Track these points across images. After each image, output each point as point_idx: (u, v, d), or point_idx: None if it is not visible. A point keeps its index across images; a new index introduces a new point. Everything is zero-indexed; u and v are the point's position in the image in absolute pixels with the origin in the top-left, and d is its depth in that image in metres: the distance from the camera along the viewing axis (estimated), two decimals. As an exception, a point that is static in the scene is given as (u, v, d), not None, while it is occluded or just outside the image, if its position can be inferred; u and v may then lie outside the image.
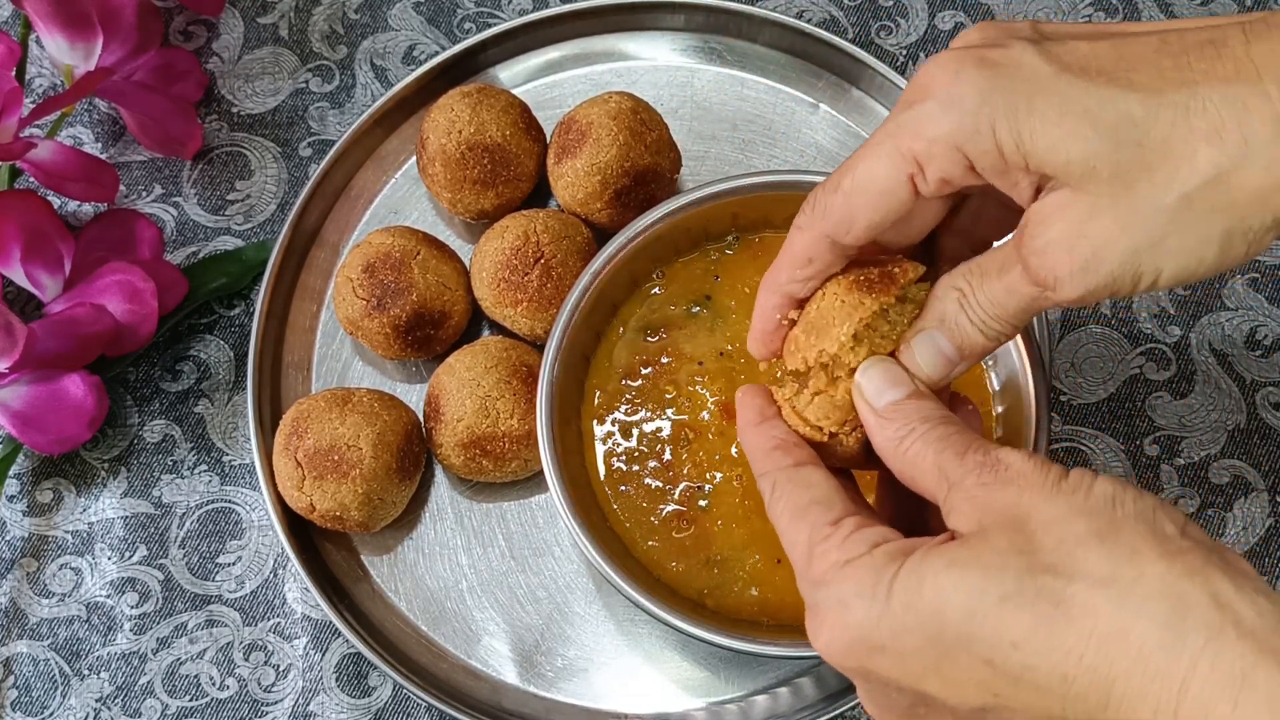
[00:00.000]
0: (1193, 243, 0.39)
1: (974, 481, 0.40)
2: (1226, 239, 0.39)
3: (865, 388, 0.45)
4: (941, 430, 0.43)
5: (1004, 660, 0.37)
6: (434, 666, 0.65)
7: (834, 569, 0.41)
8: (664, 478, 0.62)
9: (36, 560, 0.68)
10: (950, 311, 0.45)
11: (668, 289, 0.65)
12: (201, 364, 0.71)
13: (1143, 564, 0.36)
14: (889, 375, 0.45)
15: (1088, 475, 0.39)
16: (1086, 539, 0.37)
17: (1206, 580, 0.36)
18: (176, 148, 0.73)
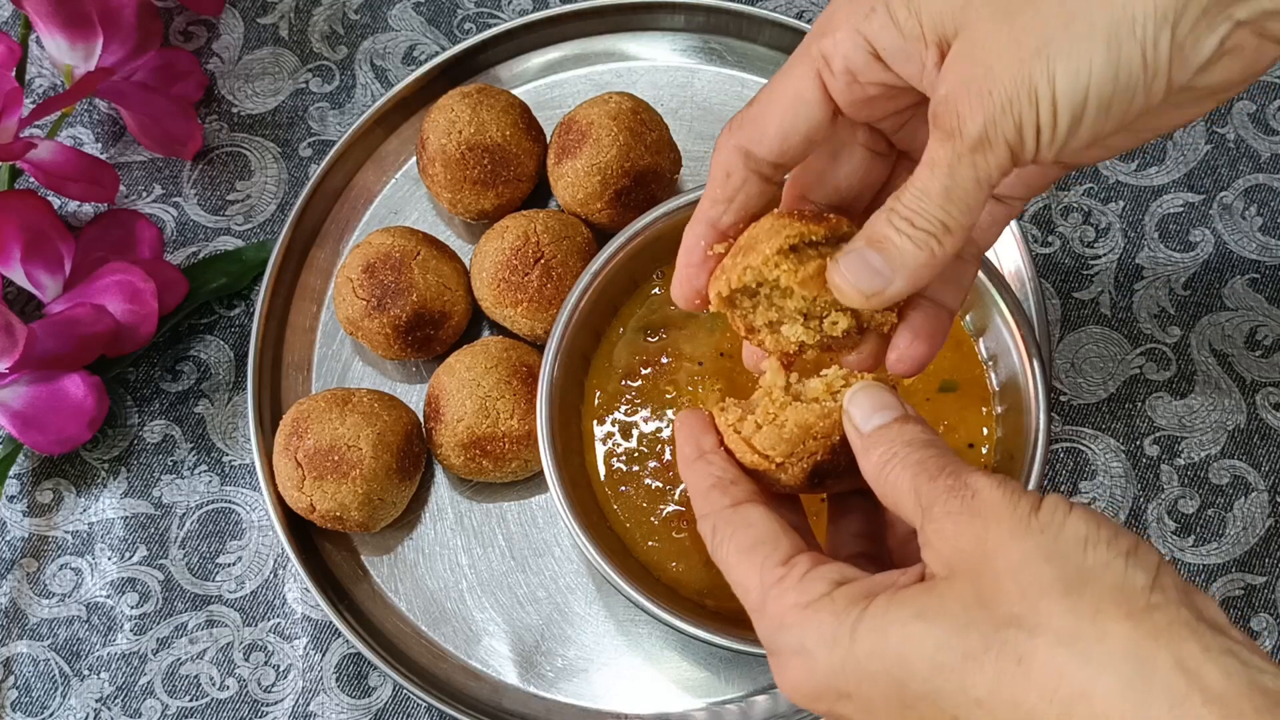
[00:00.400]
0: (1076, 39, 0.38)
1: (941, 509, 0.39)
2: (1112, 35, 0.38)
3: (853, 413, 0.44)
4: (920, 454, 0.41)
5: (968, 715, 0.36)
6: (434, 667, 0.65)
7: (793, 611, 0.40)
8: (664, 478, 0.62)
9: (37, 560, 0.68)
10: (878, 226, 0.43)
11: (668, 289, 0.65)
12: (201, 364, 0.71)
13: (1107, 622, 0.35)
14: (877, 400, 0.44)
15: (1061, 508, 0.38)
16: (1051, 589, 0.36)
17: (1171, 642, 0.34)
18: (176, 148, 0.73)
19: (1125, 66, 0.38)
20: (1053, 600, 0.36)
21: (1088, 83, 0.38)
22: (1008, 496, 0.38)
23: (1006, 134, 0.39)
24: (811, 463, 0.46)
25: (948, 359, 0.62)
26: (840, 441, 0.45)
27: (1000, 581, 0.37)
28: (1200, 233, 0.72)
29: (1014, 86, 0.39)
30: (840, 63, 0.42)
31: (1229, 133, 0.73)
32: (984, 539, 0.37)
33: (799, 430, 0.45)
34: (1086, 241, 0.72)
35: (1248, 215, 0.72)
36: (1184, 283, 0.71)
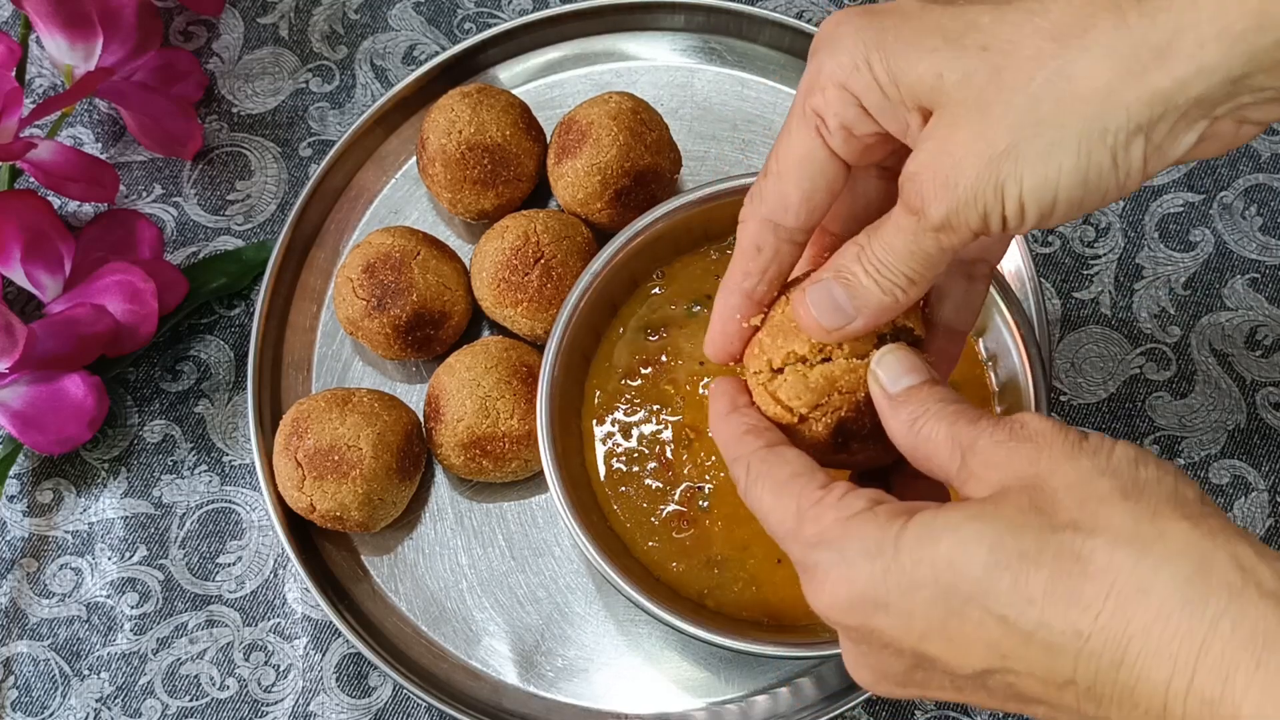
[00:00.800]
0: (1046, 146, 0.38)
1: (988, 440, 0.40)
2: (1082, 141, 0.38)
3: (881, 375, 0.44)
4: (955, 407, 0.42)
5: (1019, 616, 0.36)
6: (434, 667, 0.65)
7: (833, 526, 0.40)
8: (664, 478, 0.62)
9: (37, 560, 0.68)
10: (848, 263, 0.44)
11: (668, 289, 0.65)
12: (202, 364, 0.71)
13: (1165, 523, 0.36)
14: (905, 362, 0.45)
15: (1107, 439, 0.39)
16: (1109, 497, 0.37)
17: (1228, 542, 0.35)
18: (176, 148, 0.73)
19: (1095, 171, 0.39)
20: (1111, 506, 0.37)
21: (1056, 186, 0.39)
22: (1056, 426, 0.39)
23: (970, 221, 0.40)
24: (836, 418, 0.46)
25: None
26: (865, 400, 0.45)
27: (1057, 494, 0.37)
28: (1200, 232, 0.72)
29: (980, 183, 0.39)
30: (834, 120, 0.43)
31: (1229, 133, 0.73)
32: (1036, 460, 0.38)
33: (824, 382, 0.45)
34: (1086, 241, 0.72)
35: (1248, 215, 0.72)
36: (1184, 283, 0.71)
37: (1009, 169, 0.39)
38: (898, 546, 0.38)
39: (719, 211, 0.64)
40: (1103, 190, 0.39)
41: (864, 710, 0.65)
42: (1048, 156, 0.38)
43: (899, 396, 0.44)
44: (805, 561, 0.41)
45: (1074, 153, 0.38)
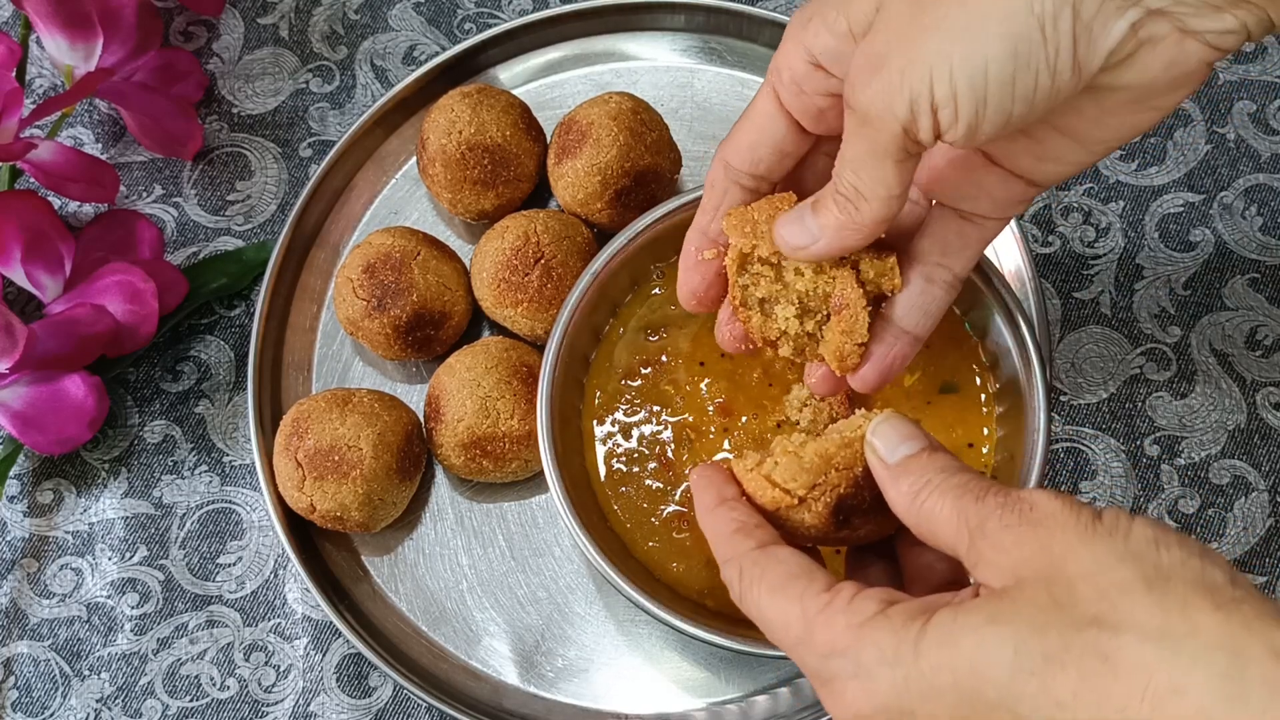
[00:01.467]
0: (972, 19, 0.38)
1: (997, 524, 0.38)
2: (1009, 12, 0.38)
3: (878, 445, 0.44)
4: (958, 479, 0.41)
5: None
6: (434, 667, 0.65)
7: (845, 633, 0.39)
8: (664, 478, 0.62)
9: (37, 561, 0.68)
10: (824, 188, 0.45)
11: (668, 289, 0.65)
12: (202, 364, 0.71)
13: (1196, 615, 0.34)
14: (902, 431, 0.44)
15: (1123, 516, 0.37)
16: (1132, 587, 0.35)
17: (1265, 631, 0.34)
18: (177, 148, 0.73)
19: (1025, 42, 0.38)
20: (1135, 598, 0.35)
21: (985, 58, 0.38)
22: (1068, 506, 0.38)
23: (897, 109, 0.40)
24: (835, 496, 0.44)
25: (948, 359, 0.62)
26: (864, 474, 0.44)
27: (1075, 585, 0.36)
28: (1200, 232, 0.72)
29: (906, 62, 0.39)
30: (787, 74, 0.44)
31: (1229, 132, 0.73)
32: (1049, 546, 0.37)
33: (819, 460, 0.44)
34: (1087, 241, 0.72)
35: (1248, 215, 0.72)
36: (1184, 282, 0.71)
37: (935, 45, 0.39)
38: (917, 652, 0.37)
39: (719, 211, 0.64)
40: (1034, 66, 0.38)
41: None
42: (974, 28, 0.38)
43: (898, 466, 0.42)
44: (821, 672, 0.40)
45: (999, 21, 0.38)
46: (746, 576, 0.43)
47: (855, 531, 0.46)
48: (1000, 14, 0.38)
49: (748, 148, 0.48)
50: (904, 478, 0.42)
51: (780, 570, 0.42)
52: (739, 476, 0.47)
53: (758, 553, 0.43)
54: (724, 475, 0.48)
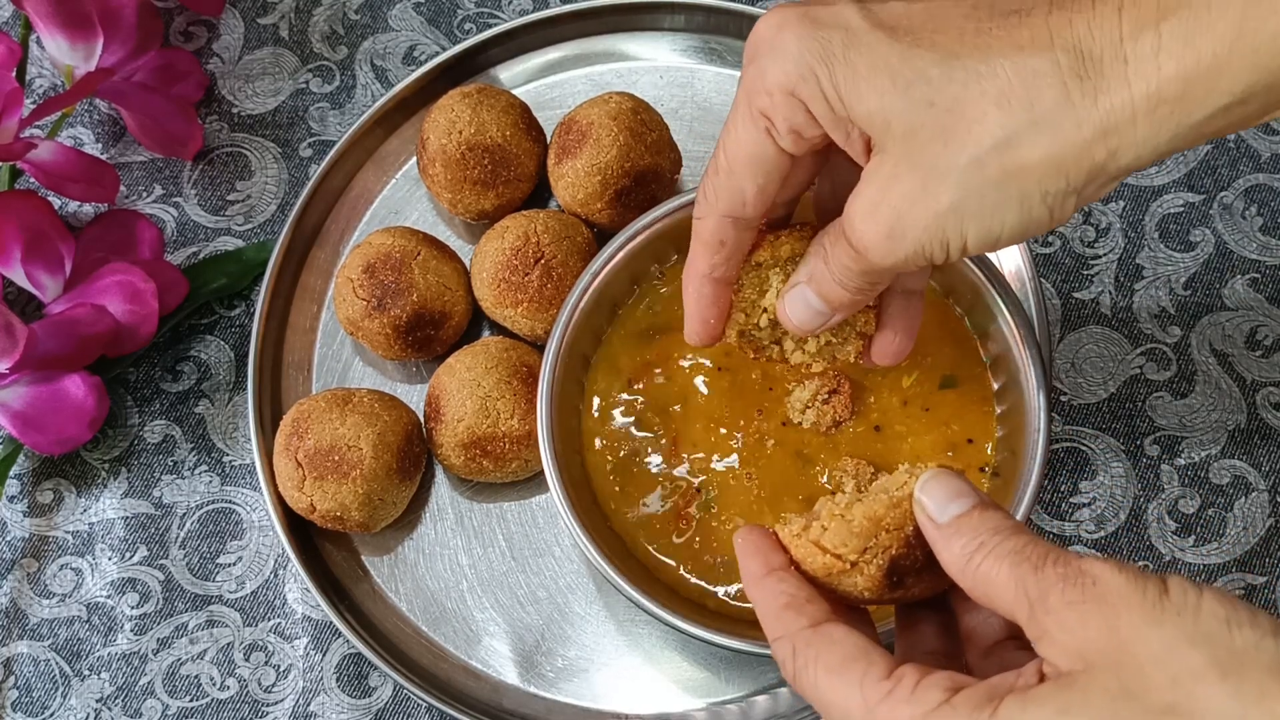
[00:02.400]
0: (990, 205, 0.41)
1: (1059, 600, 0.37)
2: (1024, 201, 0.41)
3: (927, 504, 0.42)
4: (1014, 542, 0.39)
5: None
6: (434, 667, 0.65)
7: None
8: (664, 477, 0.62)
9: (37, 560, 0.68)
10: (817, 268, 0.47)
11: (668, 288, 0.65)
12: (202, 364, 0.71)
13: (1274, 705, 0.33)
14: (951, 488, 0.42)
15: (1191, 590, 0.36)
16: (1206, 674, 0.34)
17: None
18: (177, 148, 0.73)
19: (1035, 223, 0.42)
20: (1209, 685, 0.34)
21: (998, 236, 0.42)
22: (1133, 580, 0.36)
23: (913, 264, 0.43)
24: (887, 558, 0.43)
25: (948, 355, 0.62)
26: (914, 533, 0.43)
27: (1145, 670, 0.35)
28: (1200, 233, 0.72)
29: (926, 236, 0.42)
30: (784, 124, 0.44)
31: (1229, 132, 0.73)
32: (1116, 628, 0.35)
33: (868, 523, 0.43)
34: (1086, 241, 0.72)
35: (1248, 215, 0.72)
36: (1184, 283, 0.71)
37: (953, 223, 0.41)
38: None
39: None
40: (1037, 231, 0.42)
41: None
42: (991, 214, 0.41)
43: (949, 527, 0.41)
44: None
45: (1016, 211, 0.41)
46: (801, 657, 0.41)
47: (909, 591, 0.44)
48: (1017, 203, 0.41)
49: (758, 195, 0.47)
50: (956, 539, 0.41)
51: (837, 653, 0.41)
52: (785, 542, 0.45)
53: (810, 632, 0.42)
54: (770, 541, 0.46)
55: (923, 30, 0.41)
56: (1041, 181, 0.40)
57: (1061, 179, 0.40)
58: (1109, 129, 0.39)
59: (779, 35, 0.43)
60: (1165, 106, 0.39)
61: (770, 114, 0.44)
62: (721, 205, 0.47)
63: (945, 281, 0.63)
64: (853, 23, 0.42)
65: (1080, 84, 0.39)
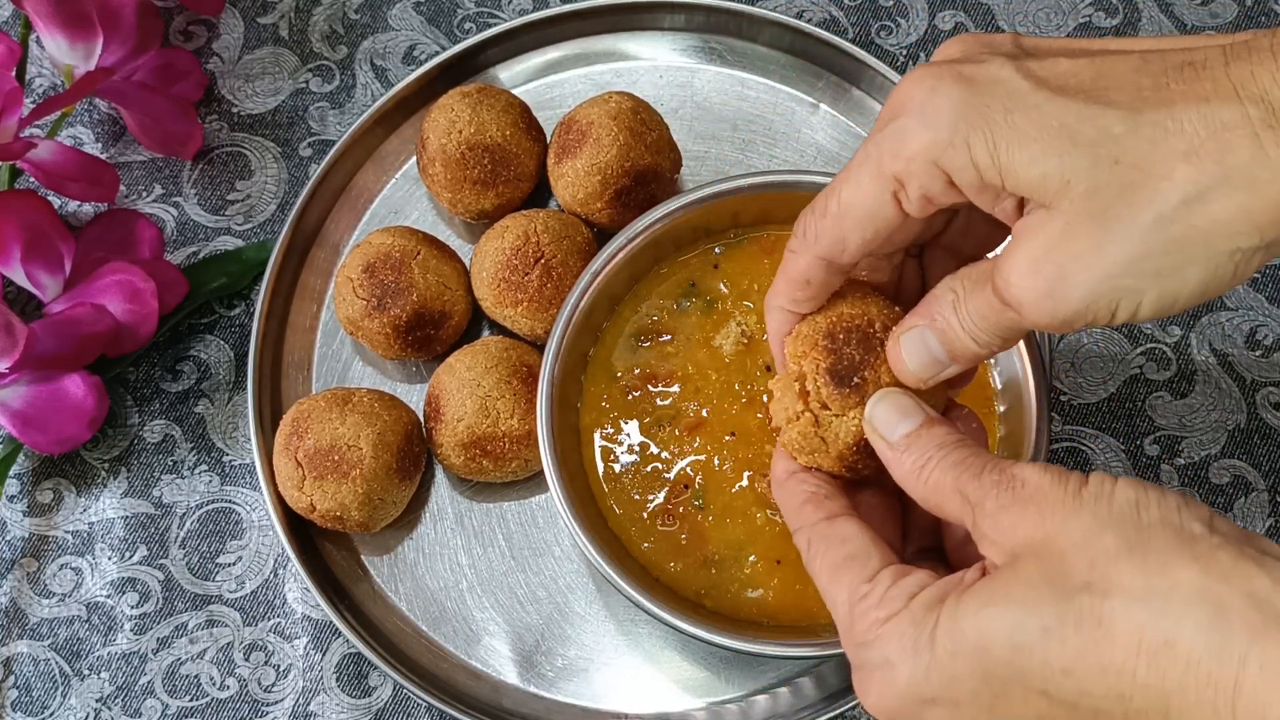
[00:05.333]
0: (1174, 264, 0.38)
1: (994, 504, 0.40)
2: (1210, 259, 0.38)
3: (878, 422, 0.45)
4: (957, 454, 0.42)
5: (1058, 688, 0.37)
6: (434, 666, 0.65)
7: (874, 627, 0.41)
8: (663, 477, 0.62)
9: (37, 560, 0.68)
10: (944, 312, 0.44)
11: (668, 288, 0.65)
12: (202, 364, 0.71)
13: (1176, 572, 0.36)
14: (900, 406, 0.45)
15: (1108, 481, 0.39)
16: (1117, 554, 0.37)
17: (1241, 580, 0.35)
18: (176, 148, 0.73)
19: (1218, 282, 0.39)
20: (1119, 563, 0.37)
21: (1177, 299, 0.39)
22: (1056, 478, 0.39)
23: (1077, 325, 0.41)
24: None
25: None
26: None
27: (1065, 557, 0.38)
28: (1200, 232, 0.72)
29: (1094, 298, 0.39)
30: (916, 190, 0.42)
31: (1229, 132, 0.73)
32: (1041, 522, 0.39)
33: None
34: (1086, 241, 0.71)
35: (1248, 215, 0.72)
36: (1184, 282, 0.71)
37: (1130, 286, 0.39)
38: (934, 641, 0.39)
39: (719, 211, 0.64)
40: (1218, 293, 0.40)
41: (864, 710, 0.65)
42: (1174, 275, 0.39)
43: (900, 444, 0.44)
44: (855, 660, 0.42)
45: (1201, 270, 0.39)
46: (813, 548, 0.45)
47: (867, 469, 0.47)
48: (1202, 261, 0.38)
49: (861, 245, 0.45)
50: (907, 455, 0.44)
51: (840, 552, 0.44)
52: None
53: (825, 525, 0.45)
54: None
55: (1095, 87, 0.39)
56: (1233, 238, 0.38)
57: (1255, 234, 0.38)
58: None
59: (930, 97, 0.41)
60: None
61: (904, 178, 0.42)
62: (820, 248, 0.46)
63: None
64: (1014, 83, 0.40)
65: (1273, 134, 0.37)
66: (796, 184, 0.63)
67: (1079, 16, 0.76)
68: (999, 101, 0.40)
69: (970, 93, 0.40)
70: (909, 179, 0.42)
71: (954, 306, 0.44)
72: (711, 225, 0.65)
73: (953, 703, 0.39)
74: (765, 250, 0.65)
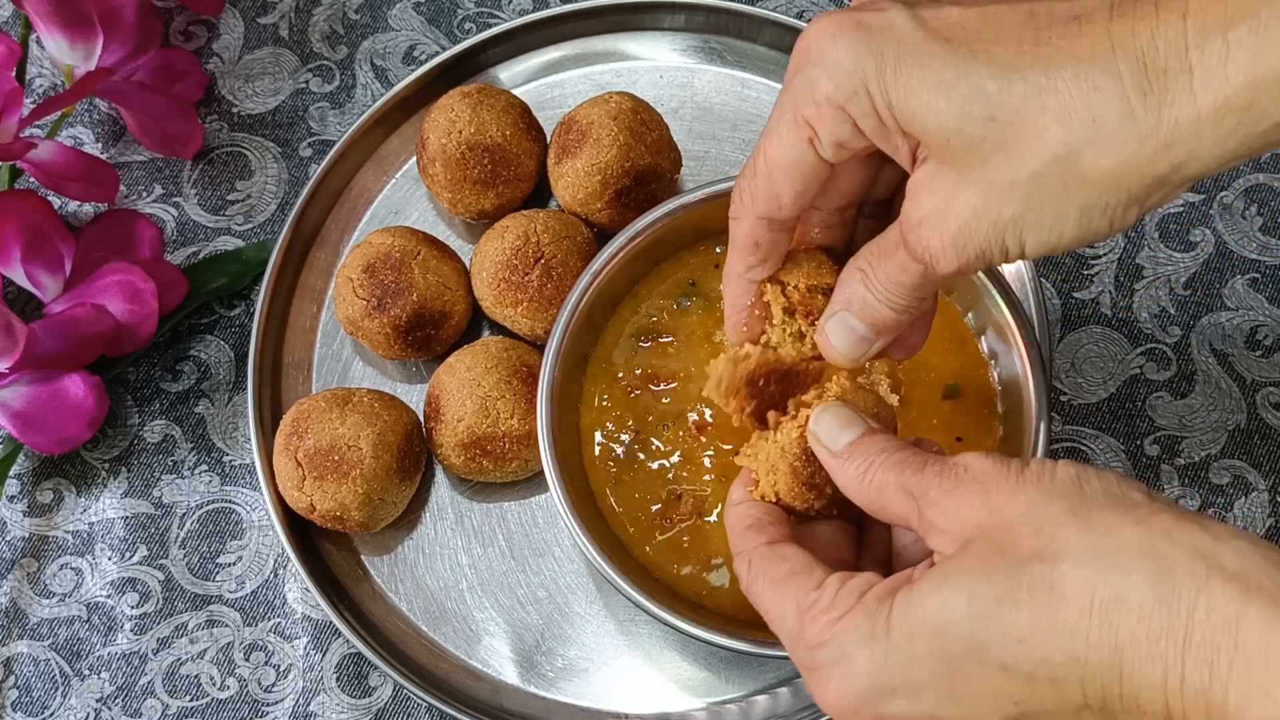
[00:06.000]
0: (1050, 217, 0.41)
1: (938, 491, 0.41)
2: (1084, 214, 0.40)
3: (820, 434, 0.47)
4: (899, 455, 0.44)
5: (1014, 659, 0.37)
6: (434, 666, 0.65)
7: (828, 627, 0.41)
8: (663, 478, 0.62)
9: (37, 560, 0.68)
10: (857, 292, 0.46)
11: (668, 288, 0.65)
12: (202, 364, 0.71)
13: (1120, 531, 0.37)
14: (841, 417, 0.47)
15: (1048, 463, 0.40)
16: (1062, 519, 0.38)
17: (1182, 536, 0.37)
18: (177, 148, 0.73)
19: (1093, 233, 0.42)
20: (1065, 528, 0.38)
21: (1057, 244, 0.42)
22: (997, 462, 0.41)
23: (972, 269, 0.43)
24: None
25: (951, 362, 0.62)
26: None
27: (1012, 528, 0.39)
28: (1200, 232, 0.72)
29: (987, 243, 0.42)
30: (828, 136, 0.44)
31: (1229, 132, 0.73)
32: (986, 501, 0.40)
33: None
34: (1087, 241, 0.71)
35: (1248, 215, 0.72)
36: (1184, 282, 0.71)
37: (1012, 234, 0.41)
38: (889, 628, 0.40)
39: (719, 211, 0.64)
40: (1096, 239, 0.42)
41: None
42: (1052, 225, 0.41)
43: (842, 453, 0.45)
44: (807, 664, 0.42)
45: (1075, 222, 0.41)
46: (753, 569, 0.46)
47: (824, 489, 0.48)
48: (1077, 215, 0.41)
49: (794, 198, 0.46)
50: (850, 463, 0.45)
51: (783, 568, 0.45)
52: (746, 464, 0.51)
53: (766, 549, 0.46)
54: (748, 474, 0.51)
55: (979, 40, 0.41)
56: (1103, 195, 0.40)
57: (1123, 192, 0.40)
58: (1173, 142, 0.39)
59: (831, 46, 0.42)
60: (1233, 116, 0.38)
61: (815, 124, 0.43)
62: (757, 208, 0.47)
63: (945, 281, 0.63)
64: (905, 32, 0.41)
65: (1144, 98, 0.38)
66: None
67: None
68: (891, 49, 0.41)
69: (866, 39, 0.42)
70: (819, 124, 0.43)
71: (864, 283, 0.46)
72: (711, 225, 0.65)
73: (912, 689, 0.39)
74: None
